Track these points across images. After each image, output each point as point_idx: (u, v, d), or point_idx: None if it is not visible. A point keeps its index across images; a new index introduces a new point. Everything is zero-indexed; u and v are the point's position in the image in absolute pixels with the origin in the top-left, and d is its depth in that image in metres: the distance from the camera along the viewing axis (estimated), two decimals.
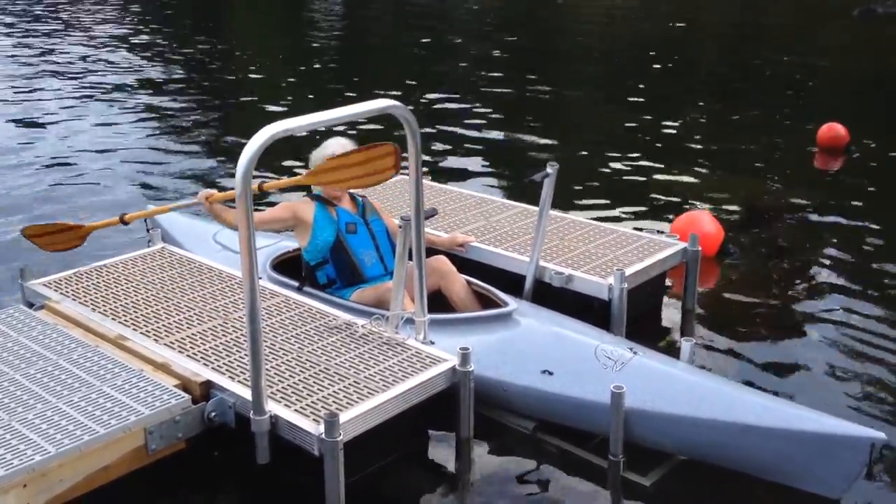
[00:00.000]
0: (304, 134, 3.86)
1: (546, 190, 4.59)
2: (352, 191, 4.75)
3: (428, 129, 9.68)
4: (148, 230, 5.49)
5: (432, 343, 3.95)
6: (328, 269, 4.57)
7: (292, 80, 13.68)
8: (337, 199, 4.64)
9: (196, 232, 5.70)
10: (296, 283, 4.60)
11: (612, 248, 5.03)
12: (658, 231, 5.46)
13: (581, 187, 7.81)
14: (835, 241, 6.48)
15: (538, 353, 3.99)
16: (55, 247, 4.75)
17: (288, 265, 4.92)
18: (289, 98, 12.15)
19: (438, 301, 4.44)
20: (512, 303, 4.35)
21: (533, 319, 4.26)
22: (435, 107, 11.24)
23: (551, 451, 3.86)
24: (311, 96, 12.24)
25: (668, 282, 5.34)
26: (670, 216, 6.86)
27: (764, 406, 3.52)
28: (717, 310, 5.31)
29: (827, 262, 6.07)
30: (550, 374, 3.88)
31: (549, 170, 4.56)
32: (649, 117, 10.64)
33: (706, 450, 3.60)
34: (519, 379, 3.92)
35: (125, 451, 3.29)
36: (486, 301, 4.50)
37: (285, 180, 4.52)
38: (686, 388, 3.65)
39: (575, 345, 4.01)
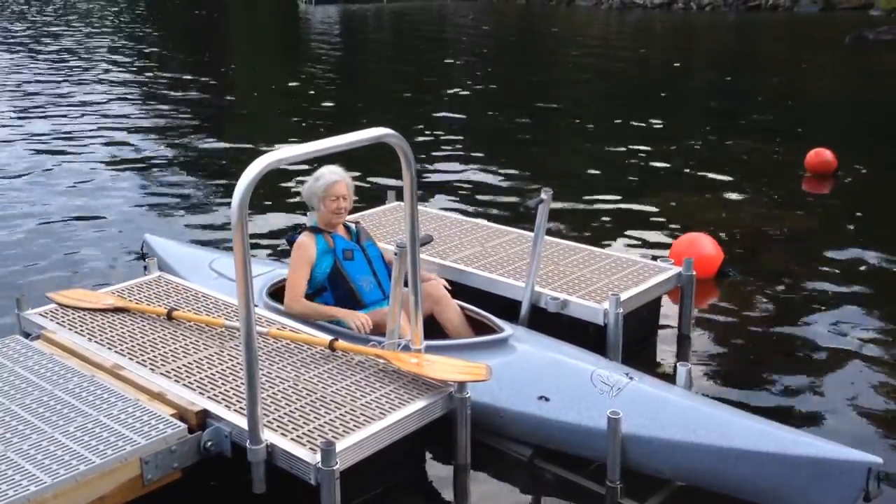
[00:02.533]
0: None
1: (541, 215, 4.62)
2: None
3: (423, 155, 9.73)
4: (145, 258, 5.50)
5: None
6: (326, 297, 4.57)
7: (288, 109, 13.75)
8: (333, 227, 4.66)
9: (192, 260, 5.71)
10: None
11: (608, 273, 5.05)
12: (653, 257, 5.46)
13: (577, 213, 7.84)
14: (827, 264, 6.50)
15: (534, 379, 3.99)
16: (81, 303, 4.65)
17: (284, 293, 4.91)
18: (284, 127, 12.21)
19: (433, 327, 4.45)
20: (507, 328, 4.35)
21: (528, 345, 4.27)
22: (430, 133, 11.30)
23: (548, 478, 3.85)
24: (305, 125, 12.30)
25: (664, 305, 5.35)
26: (665, 241, 6.88)
27: (760, 431, 3.51)
28: (714, 333, 5.32)
29: (820, 285, 6.08)
30: (547, 399, 3.88)
31: (543, 195, 4.59)
32: (644, 143, 10.70)
33: (703, 475, 3.59)
34: (515, 405, 3.92)
35: (121, 481, 3.27)
36: (481, 327, 4.51)
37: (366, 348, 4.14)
38: (682, 414, 3.65)
39: (571, 370, 4.01)
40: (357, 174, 8.94)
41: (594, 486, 3.74)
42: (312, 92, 15.36)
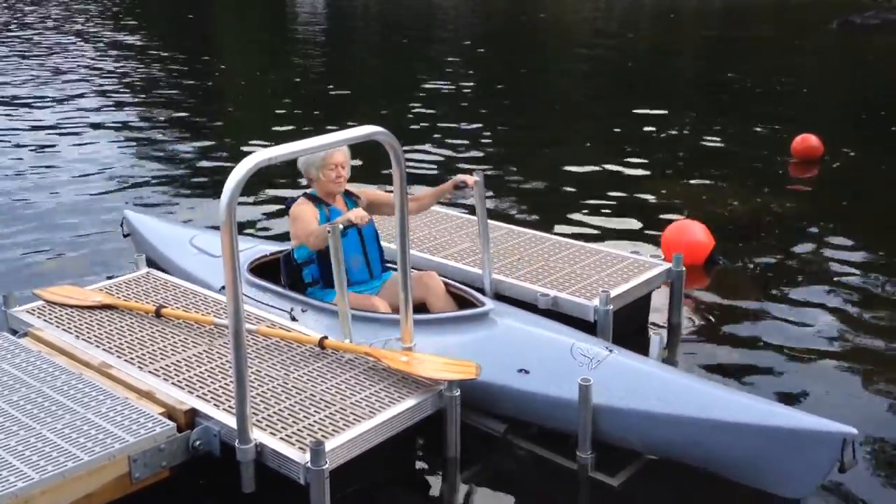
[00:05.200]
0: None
1: (477, 199, 4.62)
2: (347, 191, 4.66)
3: (412, 151, 9.68)
4: (125, 236, 5.45)
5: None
6: (312, 269, 4.56)
7: (274, 95, 13.65)
8: (332, 199, 4.57)
9: (173, 236, 5.67)
10: (273, 286, 4.60)
11: (597, 269, 5.05)
12: (642, 244, 5.46)
13: (565, 202, 7.81)
14: (814, 249, 6.55)
15: (514, 353, 3.99)
16: (69, 300, 4.62)
17: (265, 268, 4.90)
18: (269, 114, 12.12)
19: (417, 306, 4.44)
20: (489, 303, 4.36)
21: (509, 319, 4.27)
22: (419, 127, 11.23)
23: (520, 454, 3.87)
24: (292, 114, 12.21)
25: (654, 295, 5.35)
26: (655, 228, 6.87)
27: (736, 402, 3.53)
28: (703, 321, 5.34)
29: (807, 271, 6.14)
30: (526, 372, 3.88)
31: (476, 177, 4.60)
32: (632, 130, 10.70)
33: (679, 447, 3.60)
34: (495, 378, 3.89)
35: (109, 479, 3.26)
36: (463, 302, 4.51)
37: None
38: (661, 385, 3.66)
39: (551, 343, 4.02)
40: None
41: (566, 462, 3.77)
42: (298, 79, 15.25)
